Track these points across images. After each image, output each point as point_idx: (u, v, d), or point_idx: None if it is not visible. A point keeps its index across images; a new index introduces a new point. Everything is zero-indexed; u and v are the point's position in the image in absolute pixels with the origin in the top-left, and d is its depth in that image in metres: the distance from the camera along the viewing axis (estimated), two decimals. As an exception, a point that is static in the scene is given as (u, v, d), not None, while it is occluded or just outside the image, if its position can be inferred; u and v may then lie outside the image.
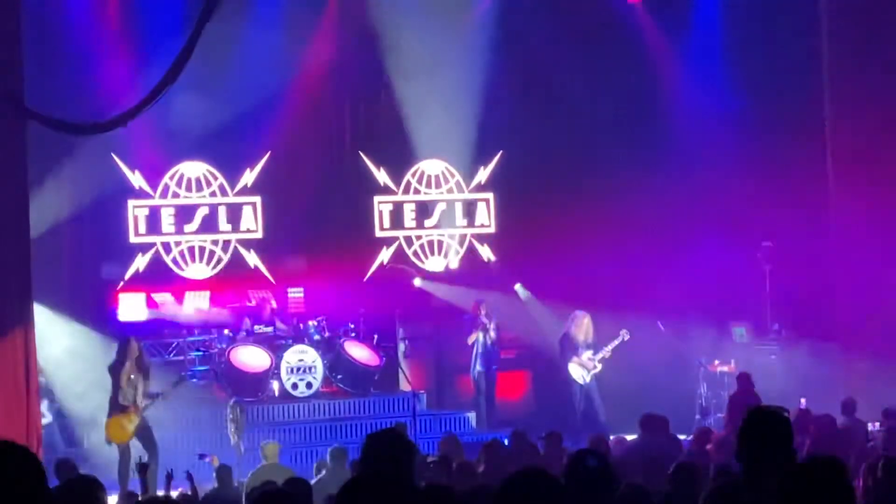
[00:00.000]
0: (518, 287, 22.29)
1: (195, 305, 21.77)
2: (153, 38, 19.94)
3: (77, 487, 6.94)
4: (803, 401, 16.91)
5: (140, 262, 21.75)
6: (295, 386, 20.12)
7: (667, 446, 13.91)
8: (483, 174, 23.44)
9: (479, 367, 20.79)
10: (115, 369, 17.02)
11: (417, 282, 22.56)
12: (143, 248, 21.84)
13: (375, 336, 21.25)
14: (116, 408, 16.91)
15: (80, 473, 10.39)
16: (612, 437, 15.34)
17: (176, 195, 22.03)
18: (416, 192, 23.32)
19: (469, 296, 21.85)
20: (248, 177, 22.26)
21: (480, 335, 20.74)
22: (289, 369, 20.12)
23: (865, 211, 19.90)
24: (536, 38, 21.91)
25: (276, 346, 20.42)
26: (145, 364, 17.24)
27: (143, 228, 21.85)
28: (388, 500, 4.85)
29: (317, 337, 20.81)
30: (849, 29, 20.24)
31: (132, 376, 16.93)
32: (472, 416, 20.64)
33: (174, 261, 22.03)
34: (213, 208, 22.28)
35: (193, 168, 22.15)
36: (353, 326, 21.18)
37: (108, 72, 20.15)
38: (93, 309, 20.45)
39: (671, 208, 21.53)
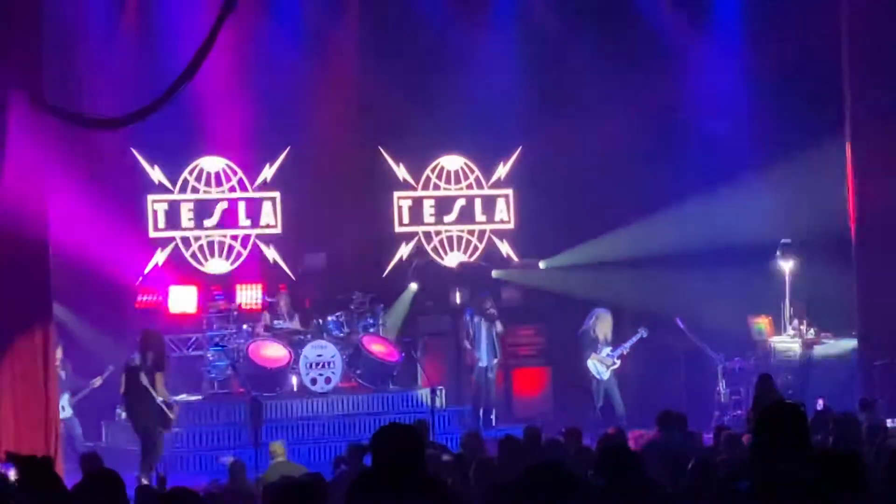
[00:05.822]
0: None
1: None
2: (172, 32, 19.98)
3: (98, 481, 7.02)
4: (821, 401, 16.78)
5: (159, 257, 21.77)
6: (314, 381, 20.06)
7: (685, 443, 13.85)
8: (503, 170, 23.42)
9: (483, 363, 20.74)
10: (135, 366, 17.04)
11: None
12: (163, 242, 21.86)
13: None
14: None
15: (101, 467, 10.44)
16: (632, 433, 15.32)
17: (195, 190, 22.04)
18: (436, 187, 23.32)
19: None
20: (268, 172, 22.26)
21: (485, 328, 20.68)
22: (307, 364, 20.06)
23: (886, 205, 19.71)
24: (557, 32, 21.94)
25: (294, 342, 20.41)
26: (165, 356, 17.30)
27: (162, 223, 21.87)
28: (398, 494, 4.86)
29: (336, 332, 20.79)
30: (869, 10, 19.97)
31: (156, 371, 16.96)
32: (483, 412, 20.65)
33: (193, 255, 22.04)
34: (233, 203, 22.29)
35: (213, 163, 22.15)
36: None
37: (127, 67, 20.16)
38: (111, 304, 20.41)
39: (690, 201, 21.40)
